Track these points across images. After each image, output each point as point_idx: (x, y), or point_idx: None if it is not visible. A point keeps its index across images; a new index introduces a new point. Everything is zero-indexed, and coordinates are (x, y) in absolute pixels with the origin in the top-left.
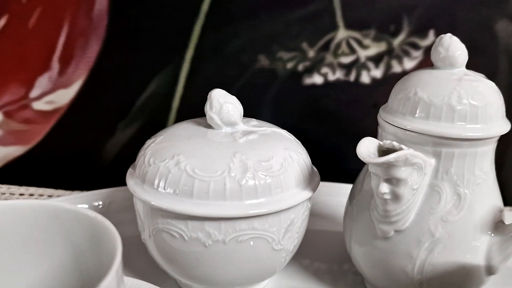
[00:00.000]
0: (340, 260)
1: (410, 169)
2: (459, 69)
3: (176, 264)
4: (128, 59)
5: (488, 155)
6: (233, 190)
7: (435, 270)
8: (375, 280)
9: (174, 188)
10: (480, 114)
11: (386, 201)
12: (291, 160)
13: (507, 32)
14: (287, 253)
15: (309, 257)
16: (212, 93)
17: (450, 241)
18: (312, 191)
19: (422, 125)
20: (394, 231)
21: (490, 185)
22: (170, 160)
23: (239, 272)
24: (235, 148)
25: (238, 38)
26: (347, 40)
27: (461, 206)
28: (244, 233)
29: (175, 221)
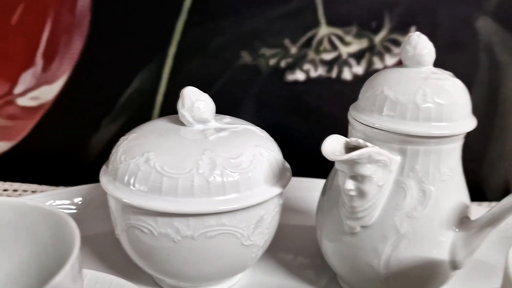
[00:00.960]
0: (314, 255)
1: (375, 166)
2: (426, 67)
3: (148, 259)
4: (112, 56)
5: (455, 153)
6: (201, 187)
7: (401, 265)
8: (345, 275)
9: (144, 185)
10: (445, 112)
11: (352, 197)
12: (261, 157)
13: (488, 29)
14: (258, 248)
15: (283, 252)
16: (184, 91)
17: (415, 237)
18: (282, 187)
19: (388, 123)
20: (360, 227)
21: (456, 182)
22: (140, 157)
23: (209, 267)
24: (205, 145)
25: (221, 35)
26: (329, 37)
27: (426, 203)
28: (213, 229)
29: (145, 217)
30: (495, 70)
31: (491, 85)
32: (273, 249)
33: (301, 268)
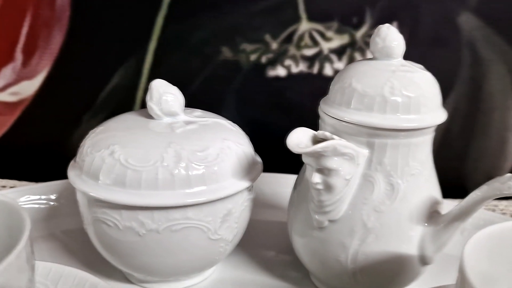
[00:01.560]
0: (288, 251)
1: (341, 160)
2: (396, 60)
3: (114, 253)
4: (92, 51)
5: (424, 146)
6: (165, 180)
7: (368, 260)
8: (315, 271)
9: (108, 178)
10: (413, 105)
11: (320, 191)
12: (229, 151)
13: (470, 25)
14: (226, 243)
15: (257, 247)
16: (152, 84)
17: (382, 231)
18: (251, 181)
19: (355, 116)
20: (328, 221)
21: (426, 176)
22: (105, 150)
23: (176, 261)
24: (171, 138)
25: (201, 30)
26: (309, 32)
27: (394, 197)
28: (178, 222)
29: (109, 211)
30: (477, 66)
31: (473, 82)
32: (246, 244)
33: (274, 264)
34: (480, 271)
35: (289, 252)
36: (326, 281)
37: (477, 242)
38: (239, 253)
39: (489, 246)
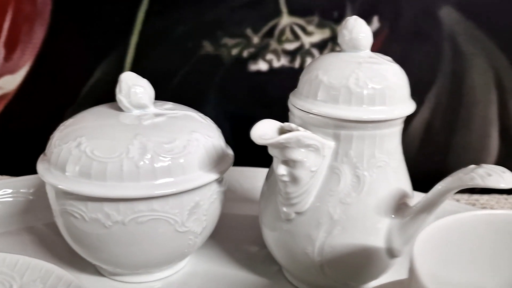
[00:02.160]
0: (262, 245)
1: (306, 151)
2: (364, 51)
3: (83, 245)
4: (74, 45)
5: (392, 138)
6: (130, 171)
7: (334, 252)
8: (285, 263)
9: (74, 169)
10: (378, 97)
11: (286, 183)
12: (197, 143)
13: (451, 19)
14: (195, 235)
15: (230, 241)
16: (122, 76)
17: (348, 223)
18: (219, 174)
19: (321, 107)
20: (295, 214)
21: (394, 168)
22: (72, 142)
23: (144, 253)
24: (138, 130)
25: (182, 24)
26: (291, 27)
27: (360, 188)
28: (143, 214)
29: (76, 202)
30: (459, 60)
31: (455, 76)
32: (220, 238)
33: (248, 258)
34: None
35: (263, 247)
36: (297, 275)
37: (427, 237)
38: (212, 246)
39: (439, 240)
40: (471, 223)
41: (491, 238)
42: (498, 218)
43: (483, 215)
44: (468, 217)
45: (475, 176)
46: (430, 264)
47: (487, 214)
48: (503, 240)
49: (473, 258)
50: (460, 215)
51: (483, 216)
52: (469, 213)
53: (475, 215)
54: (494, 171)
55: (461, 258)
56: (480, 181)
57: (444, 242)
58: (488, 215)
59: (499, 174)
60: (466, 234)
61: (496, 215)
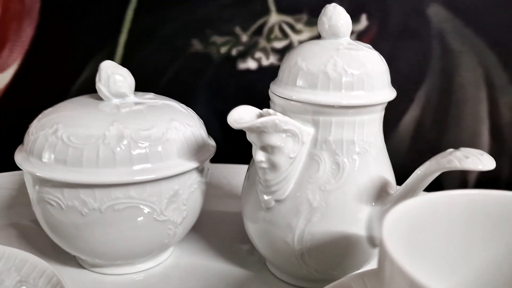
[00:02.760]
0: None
1: (284, 137)
2: (343, 38)
3: (60, 235)
4: (63, 44)
5: (372, 125)
6: (107, 157)
7: (314, 240)
8: (267, 254)
9: (50, 156)
10: (356, 82)
11: (265, 170)
12: (176, 131)
13: (439, 17)
14: (175, 225)
15: (214, 236)
16: (101, 64)
17: (327, 210)
18: (198, 163)
19: (300, 94)
20: (275, 202)
21: (374, 155)
22: (49, 129)
23: (122, 243)
24: (115, 117)
25: (172, 23)
26: (279, 25)
27: (339, 176)
28: (120, 201)
29: (52, 190)
30: (448, 58)
31: (444, 73)
32: (205, 233)
33: (232, 251)
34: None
35: (247, 241)
36: (279, 266)
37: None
38: (196, 240)
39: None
40: (445, 203)
41: (466, 218)
42: (473, 198)
43: (458, 195)
44: (442, 197)
45: (452, 159)
46: (401, 242)
47: (462, 195)
48: (478, 221)
49: (447, 239)
50: (434, 195)
51: (458, 197)
52: (444, 193)
53: (449, 195)
54: (472, 154)
55: (434, 237)
56: (457, 163)
57: (416, 221)
58: (464, 195)
59: (477, 156)
60: (439, 214)
61: (472, 195)
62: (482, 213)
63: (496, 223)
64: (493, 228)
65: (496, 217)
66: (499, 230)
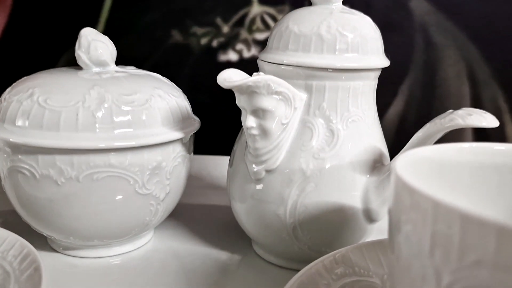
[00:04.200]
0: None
1: (276, 99)
2: (335, 4)
3: (32, 210)
4: (38, 33)
5: (366, 92)
6: (86, 121)
7: (308, 211)
8: (255, 233)
9: (24, 120)
10: (350, 45)
11: (255, 137)
12: (160, 99)
13: (422, 10)
14: (158, 201)
15: (196, 222)
16: (82, 31)
17: (322, 179)
18: (183, 134)
19: (292, 57)
20: (265, 172)
21: (369, 124)
22: (24, 93)
23: (101, 218)
24: (96, 82)
25: (151, 13)
26: (261, 16)
27: (334, 143)
28: (100, 170)
29: (25, 157)
30: (431, 51)
31: (427, 67)
32: (185, 219)
33: (215, 236)
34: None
35: (232, 227)
36: (267, 246)
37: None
38: (176, 227)
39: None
40: (453, 155)
41: (474, 171)
42: (482, 150)
43: (467, 147)
44: (451, 149)
45: (455, 117)
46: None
47: (471, 147)
48: (486, 174)
49: (453, 191)
50: (443, 146)
51: (467, 149)
52: (453, 144)
53: (458, 147)
54: (474, 112)
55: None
56: (461, 121)
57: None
58: (473, 147)
59: (480, 114)
60: (446, 165)
61: (481, 147)
62: (491, 166)
63: (505, 176)
64: (501, 182)
65: (504, 170)
66: (507, 184)
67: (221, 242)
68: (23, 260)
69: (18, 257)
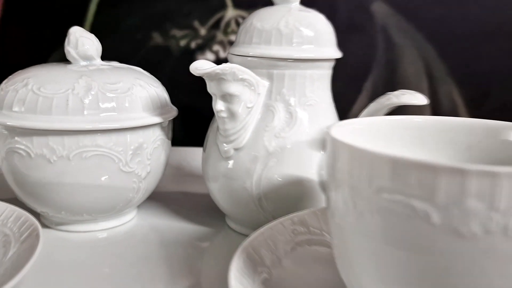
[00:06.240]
0: (207, 204)
1: (241, 85)
2: (294, 3)
3: (27, 188)
4: (27, 35)
5: (321, 80)
6: (76, 106)
7: (271, 183)
8: (227, 207)
9: (20, 106)
10: (306, 38)
11: (224, 119)
12: (141, 88)
13: (382, 13)
14: (139, 179)
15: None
16: (70, 29)
17: (282, 155)
18: (162, 119)
19: (256, 49)
20: (234, 150)
21: (324, 108)
22: (20, 83)
23: (89, 193)
24: (83, 73)
25: (132, 16)
26: (236, 19)
27: (292, 124)
28: (88, 149)
29: (21, 139)
30: (392, 51)
31: (389, 65)
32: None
33: (193, 214)
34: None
35: (208, 206)
36: (238, 217)
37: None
38: (158, 206)
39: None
40: (385, 125)
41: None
42: (407, 120)
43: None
44: (384, 120)
45: (391, 97)
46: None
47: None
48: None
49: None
50: (376, 118)
51: (393, 120)
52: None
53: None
54: (407, 92)
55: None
56: (395, 99)
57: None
58: (399, 119)
59: (412, 93)
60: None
61: (405, 118)
62: (413, 130)
63: (424, 138)
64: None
65: (423, 134)
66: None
67: (197, 219)
68: (21, 225)
69: (17, 223)
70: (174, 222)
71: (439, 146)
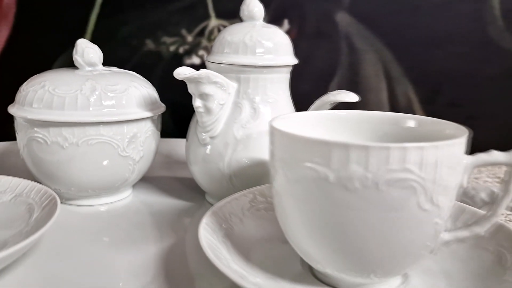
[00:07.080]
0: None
1: (214, 87)
2: (258, 21)
3: (44, 170)
4: (35, 43)
5: (280, 82)
6: (83, 103)
7: (239, 165)
8: (206, 185)
9: (39, 103)
10: (266, 49)
11: (201, 114)
12: (135, 89)
13: (345, 22)
14: (134, 162)
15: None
16: (78, 41)
17: (248, 142)
18: (152, 114)
19: (227, 58)
20: (209, 138)
21: (283, 105)
22: (38, 85)
23: (93, 173)
24: (89, 77)
25: (128, 25)
26: (218, 28)
27: (256, 117)
28: (93, 137)
29: (40, 129)
30: (354, 55)
31: (352, 68)
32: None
33: (178, 192)
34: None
35: (190, 187)
36: (214, 192)
37: (278, 122)
38: (151, 187)
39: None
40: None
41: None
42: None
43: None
44: (316, 114)
45: (329, 96)
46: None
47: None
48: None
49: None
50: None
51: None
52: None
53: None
54: (342, 91)
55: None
56: (332, 97)
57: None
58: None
59: (345, 93)
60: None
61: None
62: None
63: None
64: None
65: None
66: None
67: (182, 196)
68: (42, 196)
69: (38, 194)
70: (163, 199)
71: (361, 133)
